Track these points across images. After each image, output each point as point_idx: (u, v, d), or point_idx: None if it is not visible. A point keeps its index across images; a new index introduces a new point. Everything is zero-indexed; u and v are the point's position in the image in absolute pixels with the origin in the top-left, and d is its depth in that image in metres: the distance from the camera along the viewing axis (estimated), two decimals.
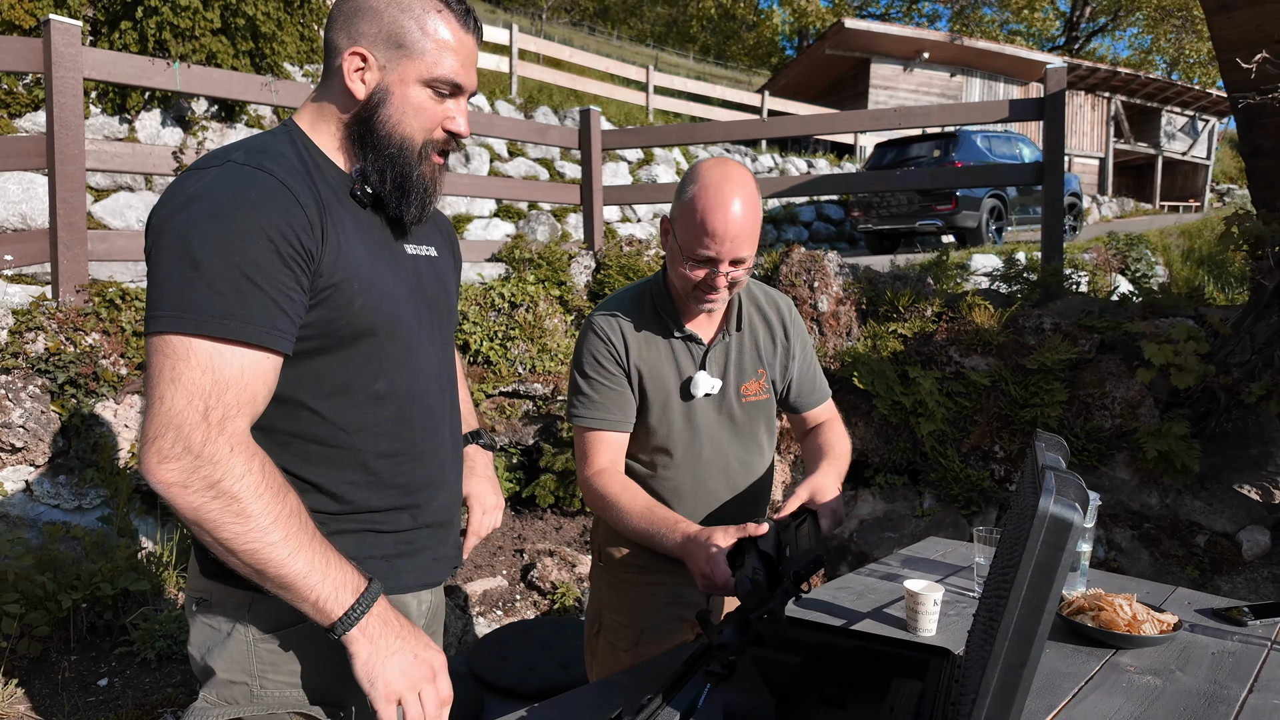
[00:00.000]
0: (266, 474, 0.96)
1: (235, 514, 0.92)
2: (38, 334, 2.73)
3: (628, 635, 1.63)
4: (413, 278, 1.19)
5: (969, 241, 9.82)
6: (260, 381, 0.98)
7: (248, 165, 1.01)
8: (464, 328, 3.86)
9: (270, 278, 0.97)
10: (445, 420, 1.25)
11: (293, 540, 0.95)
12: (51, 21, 2.94)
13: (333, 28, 1.11)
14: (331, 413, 1.09)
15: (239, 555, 0.93)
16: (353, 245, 1.08)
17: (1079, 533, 0.83)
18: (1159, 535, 3.22)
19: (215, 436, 0.92)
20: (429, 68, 1.10)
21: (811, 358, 1.73)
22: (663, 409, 1.57)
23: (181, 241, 0.95)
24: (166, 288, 0.94)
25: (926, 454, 3.76)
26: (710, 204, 1.38)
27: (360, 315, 1.08)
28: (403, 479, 1.15)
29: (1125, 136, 19.46)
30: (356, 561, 1.09)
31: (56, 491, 2.72)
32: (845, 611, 1.74)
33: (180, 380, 0.92)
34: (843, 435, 1.71)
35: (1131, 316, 3.58)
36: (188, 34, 6.55)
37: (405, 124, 1.11)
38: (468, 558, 3.42)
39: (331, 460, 1.10)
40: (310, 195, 1.04)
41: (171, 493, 0.92)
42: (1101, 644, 1.51)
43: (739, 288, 1.50)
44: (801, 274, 4.03)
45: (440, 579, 1.27)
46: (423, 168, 1.14)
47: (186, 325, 0.93)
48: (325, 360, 1.08)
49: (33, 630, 2.29)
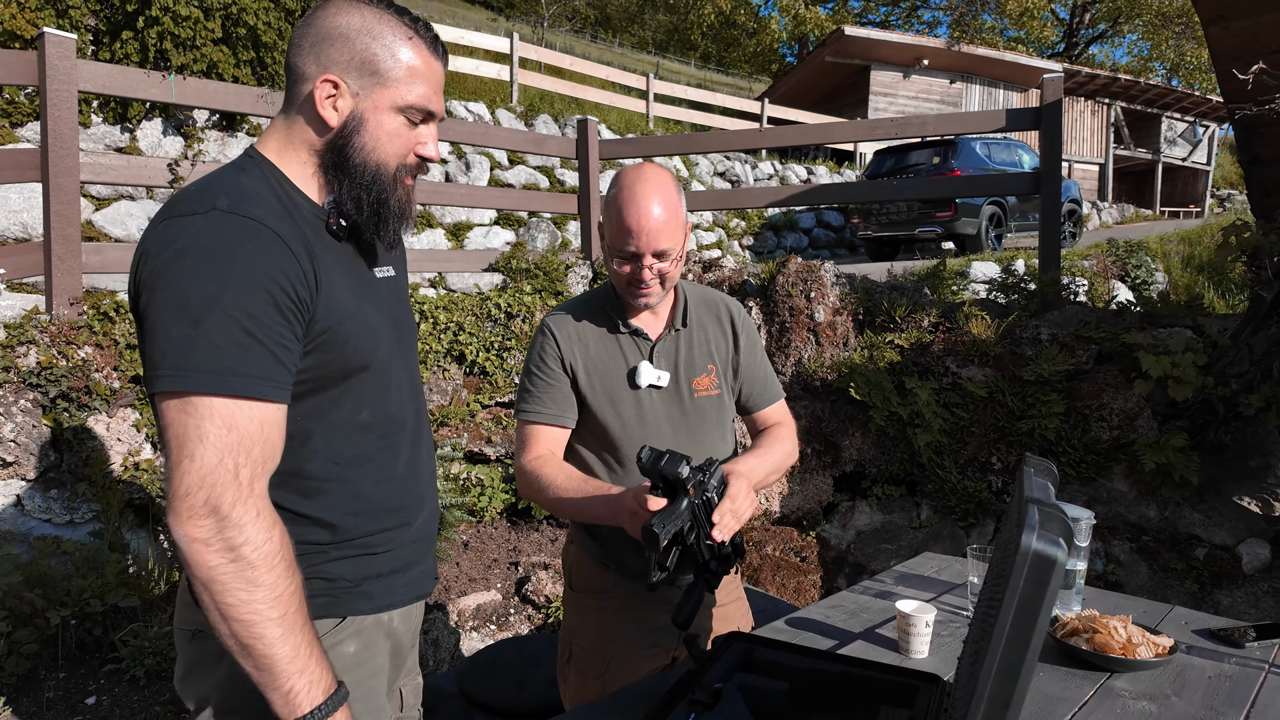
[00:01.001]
0: (283, 546, 0.98)
1: (245, 581, 0.94)
2: (29, 348, 2.72)
3: (596, 662, 1.63)
4: (383, 304, 1.21)
5: (968, 248, 9.81)
6: (277, 434, 1.00)
7: (235, 214, 1.00)
8: (460, 338, 3.85)
9: (269, 331, 0.98)
10: (421, 438, 1.29)
11: (288, 621, 0.96)
12: (46, 35, 2.94)
13: (298, 53, 1.10)
14: (324, 448, 1.11)
15: (232, 624, 0.94)
16: (340, 286, 1.10)
17: (1063, 570, 0.81)
18: (1158, 548, 3.19)
19: (245, 498, 0.94)
20: (402, 95, 1.10)
21: (762, 358, 1.77)
22: (611, 401, 1.61)
23: (178, 298, 0.95)
24: (166, 346, 0.94)
25: (924, 465, 3.74)
26: (626, 202, 1.50)
27: (353, 354, 1.10)
28: (391, 502, 1.20)
29: (1125, 142, 19.46)
30: (355, 586, 1.15)
31: (48, 506, 2.71)
32: (836, 632, 1.72)
33: (207, 438, 0.93)
34: (787, 437, 1.72)
35: (1129, 327, 3.57)
36: (189, 44, 6.57)
37: (380, 151, 1.11)
38: (461, 570, 3.42)
39: (326, 493, 1.12)
40: (300, 241, 1.05)
41: (194, 549, 0.93)
42: (1096, 667, 1.49)
43: (670, 280, 1.57)
44: (798, 284, 4.02)
45: (428, 591, 1.32)
46: (398, 191, 1.15)
47: (190, 383, 0.93)
48: (319, 399, 1.10)
49: (20, 648, 2.28)
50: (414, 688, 1.41)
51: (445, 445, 3.43)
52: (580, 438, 1.67)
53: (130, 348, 2.94)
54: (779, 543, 3.97)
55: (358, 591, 1.17)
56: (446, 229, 7.85)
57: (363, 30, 1.08)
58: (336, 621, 1.15)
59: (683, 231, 1.55)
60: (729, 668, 1.37)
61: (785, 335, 4.07)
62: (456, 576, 3.17)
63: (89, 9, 6.57)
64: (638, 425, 1.61)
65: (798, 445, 1.76)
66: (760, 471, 1.57)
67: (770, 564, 3.86)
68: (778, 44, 27.91)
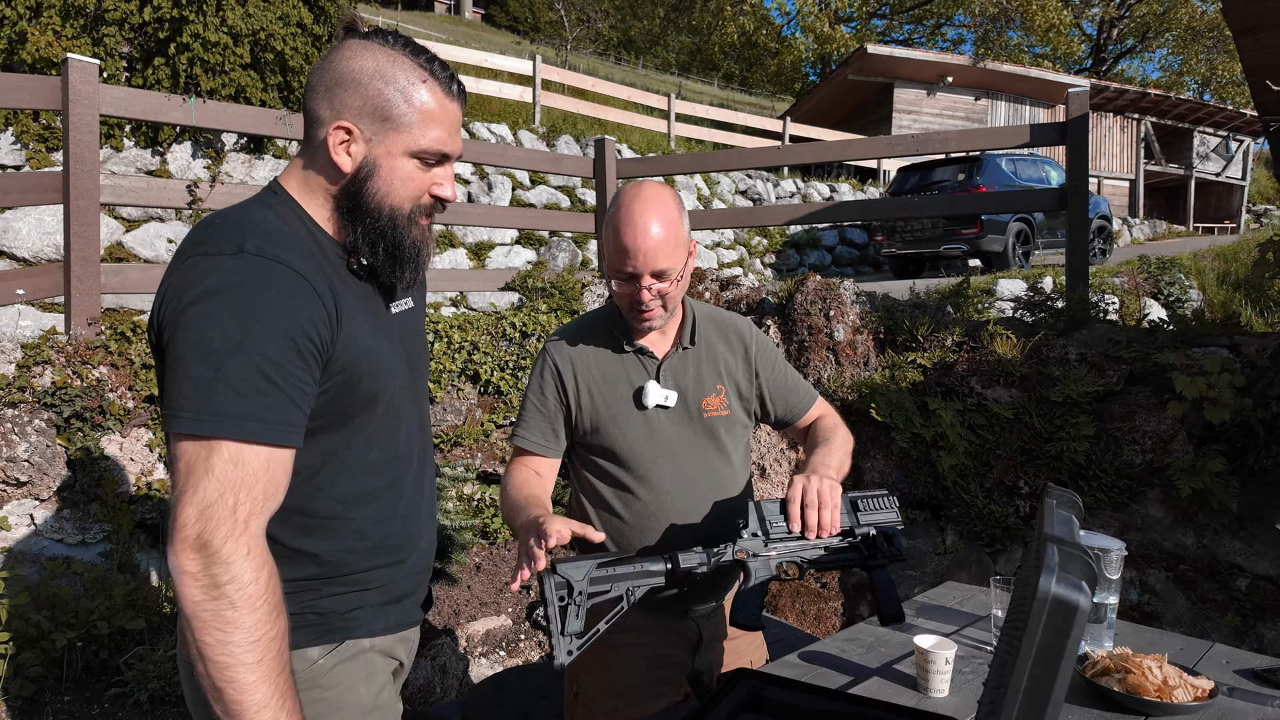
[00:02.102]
0: (270, 588, 0.97)
1: (225, 622, 0.93)
2: (45, 368, 2.74)
3: (605, 700, 1.57)
4: (398, 340, 1.22)
5: (995, 266, 9.64)
6: (283, 474, 1.01)
7: (263, 257, 1.01)
8: (474, 357, 3.83)
9: (289, 376, 0.99)
10: (424, 474, 1.29)
11: (264, 667, 0.94)
12: (69, 60, 3.00)
13: (313, 97, 1.10)
14: (330, 486, 1.12)
15: (208, 664, 0.93)
16: (360, 325, 1.11)
17: (1085, 618, 0.74)
18: (1196, 578, 3.05)
19: (239, 535, 0.94)
20: (415, 139, 1.10)
21: (785, 371, 1.72)
22: (618, 422, 1.57)
23: (201, 340, 0.96)
24: (186, 388, 0.96)
25: (948, 488, 3.63)
26: (623, 223, 1.46)
27: (365, 393, 1.11)
28: (391, 540, 1.20)
29: (1156, 158, 19.13)
30: (344, 616, 1.16)
31: (60, 526, 2.71)
32: (852, 667, 1.64)
33: (213, 472, 0.95)
34: (835, 424, 1.70)
35: (1162, 347, 3.44)
36: (218, 69, 6.71)
37: (394, 195, 1.11)
38: (472, 594, 3.37)
39: (327, 531, 1.13)
40: (325, 282, 1.05)
41: (183, 580, 0.93)
42: (1129, 710, 1.40)
43: (672, 301, 1.53)
44: (817, 302, 3.95)
45: (419, 619, 1.32)
46: (413, 233, 1.15)
47: (207, 428, 0.95)
48: (330, 437, 1.10)
49: (26, 670, 2.27)
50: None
51: (458, 466, 3.40)
52: (587, 463, 1.62)
53: (145, 367, 2.95)
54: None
55: (349, 619, 1.17)
56: (469, 249, 7.89)
57: (375, 74, 1.07)
58: (333, 645, 1.15)
59: (683, 251, 1.50)
60: (734, 708, 1.30)
61: (804, 354, 3.99)
62: (467, 600, 3.12)
63: (123, 37, 6.75)
64: (646, 447, 1.56)
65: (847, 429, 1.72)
66: (830, 464, 1.51)
67: (789, 590, 3.76)
68: (801, 63, 27.96)
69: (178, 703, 2.36)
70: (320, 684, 1.13)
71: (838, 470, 1.51)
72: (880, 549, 1.38)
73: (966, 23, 25.01)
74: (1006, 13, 21.40)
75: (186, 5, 6.47)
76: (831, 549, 1.36)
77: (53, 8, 6.54)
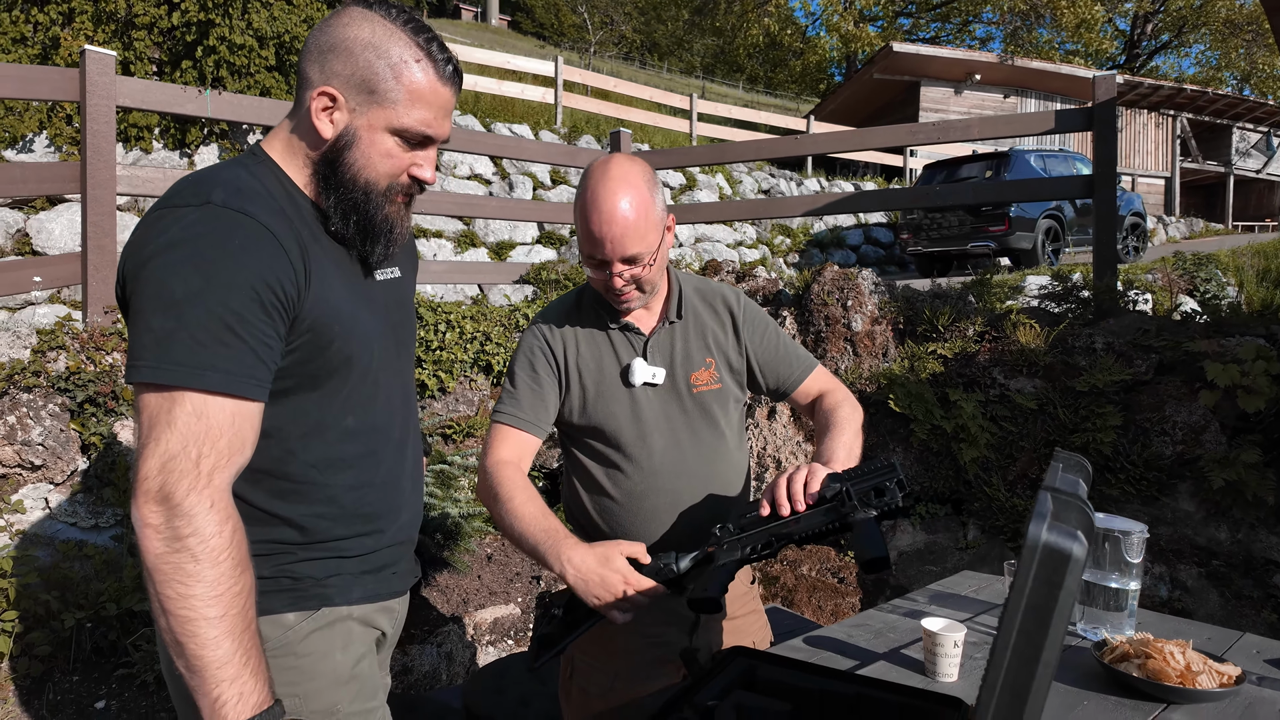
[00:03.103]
0: (234, 543, 0.95)
1: (186, 575, 0.91)
2: (59, 353, 2.78)
3: (600, 680, 1.52)
4: (381, 309, 1.20)
5: (1024, 263, 9.44)
6: (249, 429, 0.99)
7: (228, 208, 0.99)
8: (487, 348, 3.82)
9: (251, 328, 0.97)
10: (406, 445, 1.26)
11: (226, 623, 0.92)
12: (87, 52, 3.04)
13: (306, 59, 1.09)
14: (304, 451, 1.10)
15: (170, 618, 0.92)
16: (332, 287, 1.09)
17: (1080, 567, 0.68)
18: (1230, 574, 2.92)
19: (201, 488, 0.93)
20: (398, 117, 1.08)
21: (775, 337, 1.64)
22: (606, 400, 1.51)
23: (162, 290, 0.95)
24: (147, 339, 0.94)
25: (970, 482, 3.53)
26: (589, 206, 1.39)
27: (336, 355, 1.09)
28: (366, 509, 1.17)
29: (1193, 155, 18.66)
30: (321, 581, 1.13)
31: (74, 510, 2.73)
32: (858, 652, 1.58)
33: (175, 424, 0.93)
34: (842, 401, 1.60)
35: (1193, 335, 3.31)
36: (243, 71, 6.82)
37: (370, 169, 1.09)
38: (482, 583, 3.35)
39: (301, 495, 1.11)
40: (293, 238, 1.04)
41: (145, 532, 0.92)
42: (1150, 697, 1.32)
43: (649, 283, 1.46)
44: (834, 292, 3.88)
45: (403, 590, 1.29)
46: (387, 209, 1.13)
47: (167, 376, 0.93)
48: (301, 399, 1.09)
49: (34, 649, 2.28)
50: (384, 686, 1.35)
51: (470, 455, 3.38)
52: (577, 443, 1.58)
53: None
54: (815, 563, 3.79)
55: (326, 585, 1.14)
56: (490, 248, 7.92)
57: (369, 45, 1.06)
58: (310, 612, 1.13)
59: (656, 232, 1.42)
60: (728, 685, 1.24)
61: (821, 345, 3.92)
62: (476, 589, 3.10)
63: (152, 41, 6.89)
64: (635, 425, 1.52)
65: (857, 404, 1.62)
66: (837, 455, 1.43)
67: (806, 585, 3.69)
68: (826, 64, 27.75)
69: None
70: (294, 651, 1.11)
71: (843, 463, 1.41)
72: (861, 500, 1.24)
73: (994, 20, 24.64)
74: (1036, 9, 21.04)
75: (213, 9, 6.59)
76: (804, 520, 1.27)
77: (85, 14, 6.70)
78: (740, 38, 27.71)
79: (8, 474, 2.67)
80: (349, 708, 1.15)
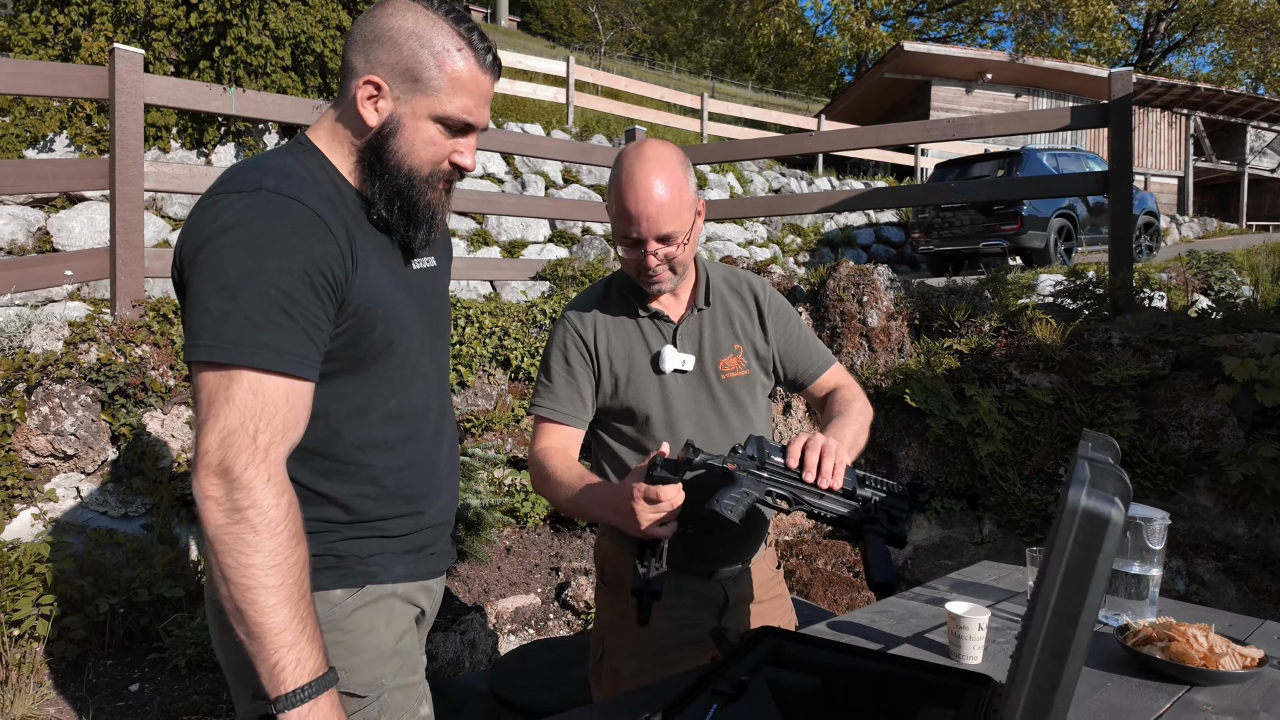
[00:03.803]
0: (290, 514, 0.98)
1: (246, 545, 0.94)
2: (91, 345, 2.83)
3: (631, 662, 1.55)
4: (419, 297, 1.23)
5: (1036, 262, 9.41)
6: (302, 407, 1.02)
7: (279, 194, 1.03)
8: (505, 343, 3.86)
9: (303, 309, 1.00)
10: (443, 430, 1.30)
11: (284, 592, 0.96)
12: (116, 50, 3.10)
13: (351, 49, 1.12)
14: (349, 432, 1.13)
15: (230, 586, 0.95)
16: (376, 271, 1.12)
17: (1118, 532, 0.71)
18: (1248, 568, 2.93)
19: (258, 462, 0.96)
20: (441, 104, 1.11)
21: (798, 329, 1.66)
22: (638, 388, 1.54)
23: (217, 272, 0.98)
24: (204, 319, 0.98)
25: (985, 477, 3.54)
26: (624, 186, 1.42)
27: (379, 340, 1.12)
28: (408, 490, 1.21)
29: (1206, 154, 18.53)
30: (365, 560, 1.17)
31: (104, 499, 2.79)
32: (881, 636, 1.61)
33: (234, 401, 0.96)
34: (854, 396, 1.62)
35: (1210, 331, 3.32)
36: (260, 71, 6.89)
37: (414, 156, 1.13)
38: (502, 574, 3.39)
39: (345, 475, 1.14)
40: (340, 224, 1.07)
41: (206, 505, 0.95)
42: (1172, 679, 1.34)
43: (681, 264, 1.49)
44: (849, 288, 3.90)
45: (441, 570, 1.32)
46: (429, 196, 1.16)
47: (225, 355, 0.96)
48: (346, 382, 1.12)
49: (70, 633, 2.34)
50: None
51: (489, 449, 3.42)
52: (608, 429, 1.61)
53: None
54: (830, 557, 3.81)
55: (371, 563, 1.18)
56: (502, 247, 7.97)
57: (412, 35, 1.09)
58: (355, 589, 1.16)
59: (689, 212, 1.45)
60: (758, 662, 1.27)
61: (836, 341, 3.94)
62: (496, 580, 3.13)
63: (170, 41, 6.97)
64: (665, 412, 1.54)
65: (867, 401, 1.63)
66: (843, 439, 1.43)
67: (821, 579, 3.70)
68: (837, 63, 27.69)
69: (213, 669, 2.41)
70: (341, 626, 1.14)
71: (851, 445, 1.43)
72: (880, 519, 1.31)
73: (1006, 19, 24.54)
74: (1048, 7, 20.95)
75: (230, 10, 6.66)
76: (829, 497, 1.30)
77: (105, 15, 6.78)
78: (751, 37, 27.67)
79: (40, 463, 2.73)
80: (393, 682, 1.18)
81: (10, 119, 6.28)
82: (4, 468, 2.55)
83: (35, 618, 2.25)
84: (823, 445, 1.29)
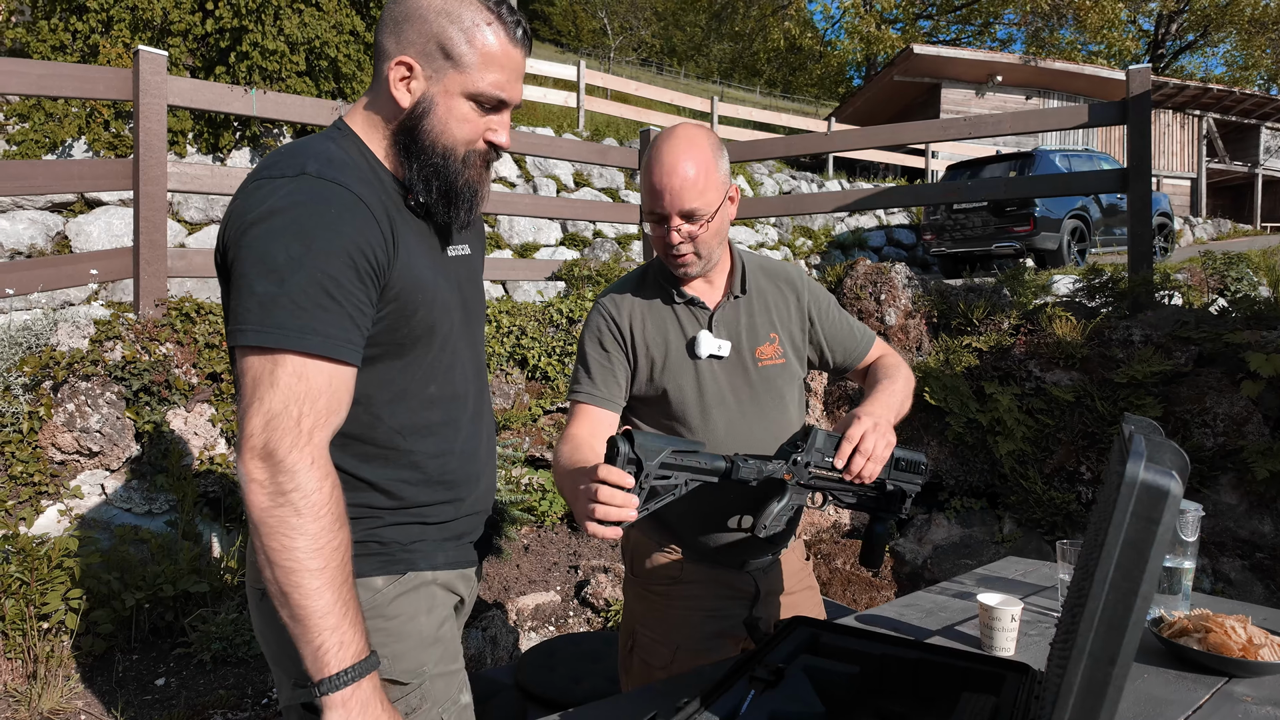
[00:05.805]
0: (333, 499, 0.98)
1: (290, 528, 0.94)
2: (116, 343, 2.85)
3: (662, 653, 1.55)
4: (455, 283, 1.23)
5: (1049, 264, 9.37)
6: (345, 391, 1.02)
7: (323, 178, 1.03)
8: (522, 343, 3.87)
9: (348, 294, 1.00)
10: (481, 417, 1.30)
11: (327, 575, 0.96)
12: (140, 52, 3.13)
13: (382, 31, 1.12)
14: (390, 416, 1.13)
15: (275, 569, 0.96)
16: (416, 256, 1.12)
17: (1176, 505, 0.70)
18: (1274, 566, 2.90)
19: (302, 445, 0.96)
20: (474, 81, 1.10)
21: (840, 316, 1.68)
22: (672, 373, 1.54)
23: (264, 256, 0.98)
24: (250, 303, 0.97)
25: (1006, 475, 3.52)
26: (653, 161, 1.45)
27: (420, 324, 1.12)
28: (448, 476, 1.21)
29: (1219, 155, 18.42)
30: (407, 546, 1.17)
31: (129, 495, 2.81)
32: (911, 629, 1.60)
33: (278, 384, 0.96)
34: (896, 363, 1.66)
35: (1234, 327, 3.29)
36: (275, 76, 6.95)
37: (448, 134, 1.12)
38: (521, 572, 3.39)
39: (386, 460, 1.14)
40: (382, 209, 1.07)
41: (251, 488, 0.95)
42: (1211, 670, 1.33)
43: (705, 245, 1.49)
44: (867, 286, 3.89)
45: (478, 559, 1.33)
46: (467, 174, 1.15)
47: (271, 339, 0.96)
48: (387, 367, 1.12)
49: (97, 628, 2.35)
50: None
51: (507, 447, 3.42)
52: (641, 415, 1.61)
53: (209, 346, 3.05)
54: (849, 556, 3.80)
55: (412, 550, 1.18)
56: (514, 250, 8.00)
57: (442, 12, 1.08)
58: (397, 576, 1.16)
59: (716, 192, 1.45)
60: (794, 649, 1.27)
61: None
62: (516, 578, 3.14)
63: (187, 47, 7.04)
64: (700, 398, 1.54)
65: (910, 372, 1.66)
66: (891, 406, 1.48)
67: (840, 578, 3.69)
68: (846, 67, 27.67)
69: (238, 663, 2.42)
70: (384, 613, 1.14)
71: (897, 412, 1.48)
72: (894, 507, 1.45)
73: (1016, 21, 24.48)
74: (1059, 9, 20.88)
75: (246, 15, 6.72)
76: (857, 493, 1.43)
77: (123, 21, 6.86)
78: (759, 42, 27.69)
79: (66, 460, 2.75)
80: (434, 669, 1.18)
81: (30, 124, 6.36)
82: (31, 464, 2.58)
83: (64, 611, 2.27)
84: (872, 450, 1.33)
